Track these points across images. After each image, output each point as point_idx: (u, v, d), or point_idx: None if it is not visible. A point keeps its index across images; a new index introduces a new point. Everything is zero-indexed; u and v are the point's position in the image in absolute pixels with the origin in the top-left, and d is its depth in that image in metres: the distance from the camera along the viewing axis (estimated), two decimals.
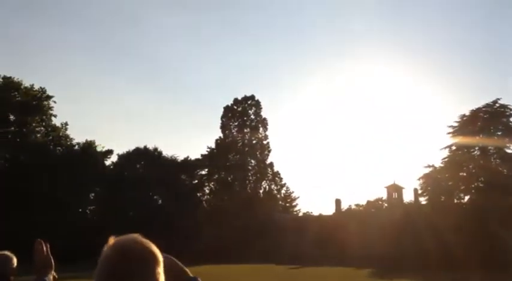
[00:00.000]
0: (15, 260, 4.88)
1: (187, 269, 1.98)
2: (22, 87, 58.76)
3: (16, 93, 58.35)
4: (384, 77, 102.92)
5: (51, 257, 2.97)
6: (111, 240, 1.72)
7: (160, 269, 1.71)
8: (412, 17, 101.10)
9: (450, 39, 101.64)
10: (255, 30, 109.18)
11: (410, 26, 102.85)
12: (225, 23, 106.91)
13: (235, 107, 70.44)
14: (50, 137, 60.59)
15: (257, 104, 70.69)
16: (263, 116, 70.27)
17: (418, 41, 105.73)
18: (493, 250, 39.68)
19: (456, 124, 52.57)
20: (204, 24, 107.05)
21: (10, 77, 58.15)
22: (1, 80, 57.74)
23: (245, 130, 69.56)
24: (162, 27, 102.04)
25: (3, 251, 4.94)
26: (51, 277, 2.93)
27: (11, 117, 58.08)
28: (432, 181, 52.08)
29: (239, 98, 70.68)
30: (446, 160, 52.35)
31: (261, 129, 70.00)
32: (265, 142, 69.69)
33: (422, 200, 54.02)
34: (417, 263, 37.67)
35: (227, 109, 70.24)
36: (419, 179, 53.62)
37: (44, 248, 2.93)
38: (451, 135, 52.65)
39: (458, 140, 51.74)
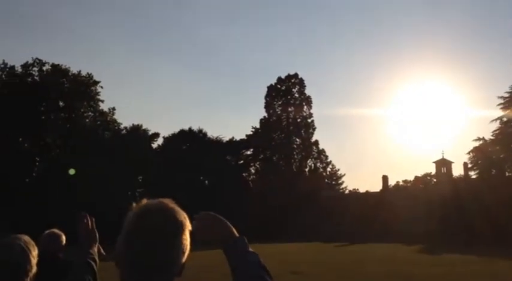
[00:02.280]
0: (63, 238, 5.05)
1: (233, 229, 1.91)
2: (70, 74, 60.04)
3: (64, 80, 59.69)
4: (431, 47, 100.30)
5: (96, 231, 2.98)
6: (143, 201, 1.74)
7: (185, 237, 1.70)
8: None
9: (499, 8, 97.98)
10: (295, 8, 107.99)
11: None
12: (265, 4, 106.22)
13: (279, 86, 70.19)
14: (98, 122, 61.90)
15: (301, 82, 70.24)
16: (307, 94, 69.87)
17: (466, 9, 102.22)
18: None
19: (507, 95, 50.92)
20: (245, 5, 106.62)
21: (58, 65, 59.50)
22: (50, 67, 59.16)
23: (289, 109, 69.31)
24: (205, 8, 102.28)
25: (53, 229, 5.13)
26: (96, 250, 2.94)
27: (61, 103, 59.54)
28: (482, 154, 50.79)
29: (282, 77, 70.38)
30: (497, 132, 50.90)
31: (305, 107, 69.66)
32: (309, 120, 69.33)
33: (473, 175, 52.85)
34: (466, 238, 36.98)
35: (271, 88, 70.06)
36: (469, 153, 52.44)
37: (89, 222, 2.93)
38: (501, 106, 51.06)
39: (510, 111, 50.15)
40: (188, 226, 1.72)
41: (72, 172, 50.05)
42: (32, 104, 54.46)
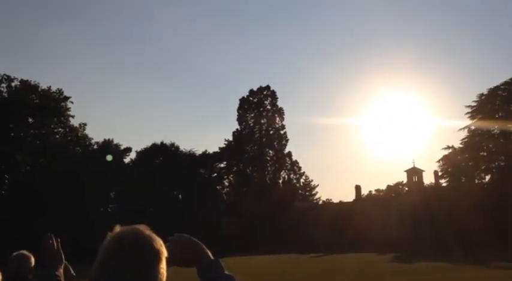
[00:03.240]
0: (32, 259, 5.03)
1: (208, 252, 1.89)
2: (39, 89, 59.26)
3: (34, 96, 58.89)
4: (399, 58, 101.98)
5: (61, 252, 2.97)
6: (116, 228, 1.68)
7: (162, 265, 1.64)
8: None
9: (466, 18, 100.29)
10: (265, 21, 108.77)
11: (424, 6, 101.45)
12: (234, 14, 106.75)
13: (251, 99, 70.40)
14: (69, 138, 61.14)
15: (272, 94, 70.58)
16: (279, 106, 70.21)
17: (433, 20, 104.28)
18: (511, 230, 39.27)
19: (475, 104, 52.01)
20: (214, 18, 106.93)
21: (27, 80, 58.69)
22: (18, 83, 58.32)
23: (262, 121, 69.52)
24: (175, 22, 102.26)
25: (22, 250, 5.10)
26: (62, 272, 2.94)
27: (30, 120, 58.67)
28: (452, 162, 51.71)
29: (254, 89, 70.66)
30: (465, 140, 51.88)
31: (277, 119, 69.94)
32: (282, 132, 69.61)
33: (443, 182, 53.70)
34: (436, 245, 37.50)
35: (243, 101, 70.22)
36: (439, 161, 53.31)
37: (54, 243, 2.94)
38: (469, 115, 52.14)
39: (477, 120, 51.21)
40: (164, 253, 1.67)
41: (109, 158, 49.89)
42: (0, 121, 53.56)
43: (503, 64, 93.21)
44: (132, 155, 64.85)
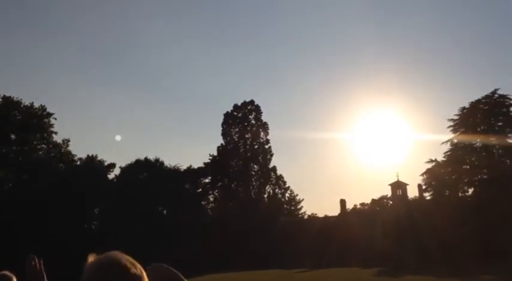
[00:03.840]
0: (15, 280, 4.98)
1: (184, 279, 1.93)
2: (22, 106, 58.89)
3: (16, 112, 58.49)
4: (382, 73, 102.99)
5: (44, 272, 2.99)
6: (91, 258, 1.66)
7: None
8: (407, 14, 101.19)
9: (447, 34, 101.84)
10: (249, 35, 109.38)
11: (406, 21, 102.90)
12: (218, 30, 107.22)
13: (235, 113, 70.46)
14: (52, 154, 60.68)
15: (257, 109, 70.71)
16: (263, 121, 70.36)
17: (416, 35, 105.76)
18: (495, 243, 39.52)
19: (456, 117, 52.56)
20: (198, 33, 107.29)
21: (10, 97, 58.30)
22: (1, 99, 57.87)
23: (246, 136, 69.54)
24: (158, 38, 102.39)
25: (4, 270, 5.04)
26: None
27: (12, 136, 58.18)
28: (435, 175, 52.00)
29: (239, 103, 70.80)
30: (448, 154, 52.27)
31: (262, 134, 70.00)
32: (266, 146, 69.67)
33: (427, 196, 53.94)
34: (420, 259, 37.65)
35: (227, 116, 70.25)
36: (422, 175, 53.58)
37: (37, 264, 2.94)
38: (451, 129, 52.65)
39: (459, 133, 51.74)
40: (146, 280, 1.66)
41: (118, 138, 50.27)
42: None
43: (484, 78, 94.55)
44: (116, 171, 64.52)
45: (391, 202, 59.60)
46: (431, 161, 53.13)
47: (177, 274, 1.99)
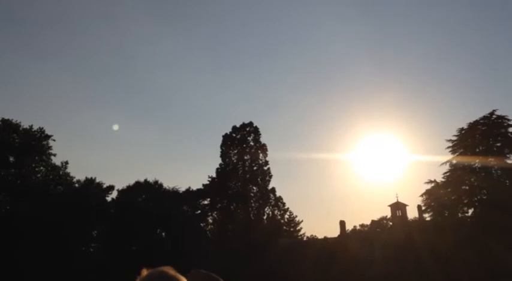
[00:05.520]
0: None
1: None
2: (21, 128, 58.93)
3: (15, 135, 58.51)
4: (382, 95, 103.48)
5: None
6: (144, 272, 1.85)
7: None
8: (406, 37, 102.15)
9: (446, 55, 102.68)
10: (247, 58, 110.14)
11: (404, 44, 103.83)
12: (217, 54, 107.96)
13: (234, 135, 70.55)
14: (51, 177, 60.53)
15: (255, 131, 70.82)
16: (262, 142, 70.41)
17: (414, 57, 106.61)
18: (496, 265, 39.28)
19: (455, 138, 52.73)
20: (197, 57, 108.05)
21: (8, 119, 58.36)
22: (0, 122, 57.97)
23: (245, 157, 69.51)
24: (158, 61, 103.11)
25: None
26: None
27: (11, 159, 58.10)
28: (435, 196, 51.95)
29: (237, 125, 70.96)
30: (447, 174, 52.31)
31: (260, 155, 69.95)
32: (265, 168, 69.60)
33: (427, 216, 53.81)
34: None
35: (226, 137, 70.34)
36: (422, 196, 53.52)
37: None
38: (450, 150, 52.76)
39: (458, 154, 51.84)
40: None
41: (116, 127, 50.12)
42: None
43: (482, 99, 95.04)
44: (115, 194, 64.35)
45: (390, 223, 59.48)
46: (430, 181, 53.14)
47: (216, 278, 2.14)
